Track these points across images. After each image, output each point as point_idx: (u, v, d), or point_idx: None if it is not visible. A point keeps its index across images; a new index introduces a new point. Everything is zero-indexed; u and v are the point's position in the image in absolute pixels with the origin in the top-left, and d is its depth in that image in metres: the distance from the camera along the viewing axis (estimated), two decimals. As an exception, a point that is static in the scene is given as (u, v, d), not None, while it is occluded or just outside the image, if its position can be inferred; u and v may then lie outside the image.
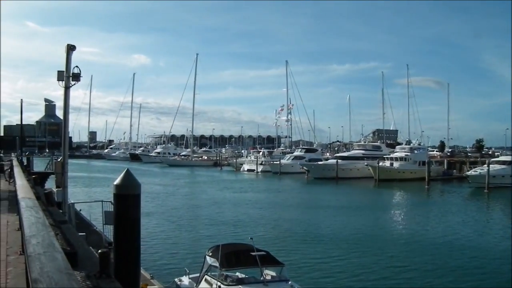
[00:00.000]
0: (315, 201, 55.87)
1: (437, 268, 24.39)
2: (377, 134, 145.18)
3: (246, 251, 16.69)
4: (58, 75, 22.15)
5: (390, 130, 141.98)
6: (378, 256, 26.78)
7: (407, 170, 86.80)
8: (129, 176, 9.40)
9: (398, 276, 23.05)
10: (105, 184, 61.26)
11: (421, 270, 24.03)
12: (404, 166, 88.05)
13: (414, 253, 27.99)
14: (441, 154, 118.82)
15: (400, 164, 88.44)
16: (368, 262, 25.43)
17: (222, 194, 61.79)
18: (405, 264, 25.40)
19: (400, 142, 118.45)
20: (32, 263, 3.52)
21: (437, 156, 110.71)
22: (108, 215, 18.60)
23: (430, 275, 23.27)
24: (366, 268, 24.30)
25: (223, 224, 37.26)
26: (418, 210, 48.63)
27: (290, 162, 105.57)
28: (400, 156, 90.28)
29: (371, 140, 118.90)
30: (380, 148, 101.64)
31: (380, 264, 25.19)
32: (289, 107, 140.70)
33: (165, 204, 49.41)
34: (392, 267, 24.65)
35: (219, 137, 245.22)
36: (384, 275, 23.04)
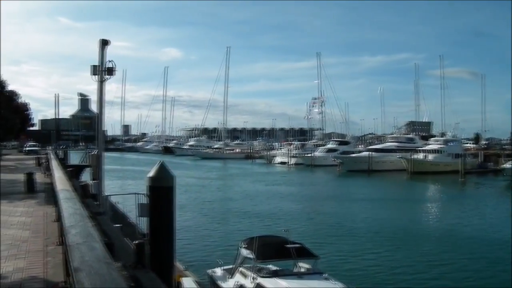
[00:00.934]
0: (348, 194, 55.55)
1: (472, 263, 24.10)
2: (411, 126, 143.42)
3: (281, 243, 16.75)
4: (92, 70, 22.46)
5: (424, 122, 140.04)
6: (412, 251, 26.55)
7: (441, 162, 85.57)
8: (163, 169, 9.55)
9: (432, 271, 22.79)
10: (139, 176, 61.86)
11: (455, 265, 23.74)
12: (438, 158, 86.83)
13: (449, 247, 27.64)
14: (476, 146, 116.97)
15: (434, 157, 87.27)
16: (402, 256, 25.25)
17: (255, 186, 61.87)
18: (439, 258, 25.07)
19: (434, 134, 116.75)
20: (73, 252, 3.64)
21: (472, 149, 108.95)
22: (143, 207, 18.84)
23: (465, 270, 23.00)
24: (399, 262, 24.13)
25: (256, 216, 37.36)
26: (453, 204, 48.00)
27: (322, 154, 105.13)
28: (434, 149, 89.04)
29: (404, 132, 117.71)
30: (414, 140, 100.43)
31: (414, 258, 24.95)
32: (321, 100, 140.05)
33: (198, 196, 49.74)
34: (426, 262, 24.37)
35: (251, 130, 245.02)
36: (418, 270, 22.82)
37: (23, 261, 8.47)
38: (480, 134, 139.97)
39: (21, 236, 10.83)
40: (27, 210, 15.06)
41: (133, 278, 5.64)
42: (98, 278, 2.91)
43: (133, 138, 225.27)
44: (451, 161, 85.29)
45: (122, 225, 20.22)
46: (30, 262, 8.41)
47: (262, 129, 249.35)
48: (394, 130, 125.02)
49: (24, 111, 70.86)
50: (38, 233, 11.23)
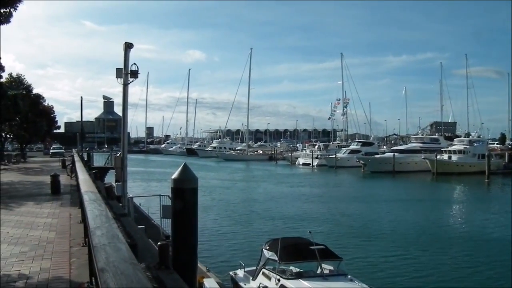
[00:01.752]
0: (372, 195, 55.23)
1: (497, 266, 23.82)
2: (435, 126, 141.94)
3: (304, 245, 16.76)
4: (116, 73, 22.74)
5: (448, 123, 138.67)
6: (437, 253, 26.31)
7: (466, 163, 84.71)
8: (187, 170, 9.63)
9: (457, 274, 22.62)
10: (163, 178, 62.41)
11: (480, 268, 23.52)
12: (463, 159, 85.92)
13: (474, 251, 27.32)
14: (502, 147, 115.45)
15: (459, 157, 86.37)
16: (426, 259, 25.05)
17: (278, 188, 61.85)
18: (464, 261, 24.91)
19: (458, 134, 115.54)
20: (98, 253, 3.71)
21: (498, 149, 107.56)
22: (166, 209, 19.01)
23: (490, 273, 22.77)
24: (424, 265, 23.95)
25: (279, 218, 37.34)
26: (478, 205, 47.46)
27: (346, 155, 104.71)
28: (458, 149, 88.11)
29: (429, 132, 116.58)
30: (438, 141, 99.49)
31: (439, 261, 24.76)
32: (345, 101, 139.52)
33: (222, 198, 49.91)
34: (451, 264, 24.22)
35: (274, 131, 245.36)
36: (443, 273, 22.63)
37: (49, 261, 8.62)
38: (505, 134, 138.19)
39: (47, 237, 11.01)
40: (53, 212, 15.29)
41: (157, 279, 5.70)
42: (124, 279, 2.98)
43: (157, 140, 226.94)
44: (476, 161, 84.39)
45: (146, 227, 20.42)
46: (55, 262, 8.56)
47: (285, 130, 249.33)
48: (418, 130, 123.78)
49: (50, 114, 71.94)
50: (64, 234, 11.41)
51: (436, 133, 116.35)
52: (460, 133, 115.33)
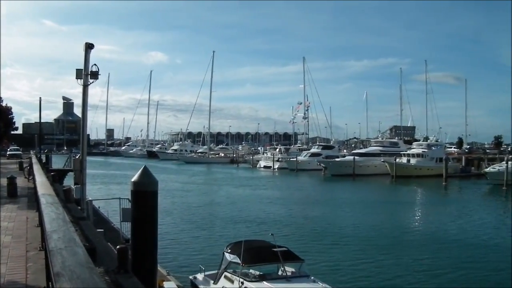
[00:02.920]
0: (332, 198, 55.73)
1: (455, 268, 24.28)
2: (395, 130, 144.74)
3: (267, 247, 16.81)
4: (76, 73, 22.42)
5: (408, 127, 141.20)
6: (398, 255, 26.68)
7: (424, 166, 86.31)
8: (147, 173, 9.54)
9: (416, 274, 23.00)
10: (123, 181, 61.71)
11: (438, 269, 23.93)
12: (421, 162, 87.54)
13: (432, 252, 27.82)
14: (459, 151, 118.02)
15: (417, 161, 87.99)
16: (387, 261, 25.39)
17: (239, 191, 61.89)
18: (422, 262, 25.32)
19: (417, 138, 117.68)
20: (54, 257, 3.64)
21: (455, 153, 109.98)
22: (126, 212, 18.81)
23: (447, 274, 23.20)
24: (384, 265, 24.32)
25: (241, 221, 37.32)
26: (436, 208, 48.32)
27: (307, 159, 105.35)
28: (417, 153, 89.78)
29: (388, 136, 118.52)
30: (398, 144, 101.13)
31: (398, 261, 25.16)
32: (306, 104, 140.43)
33: (182, 201, 49.61)
34: (411, 265, 24.61)
35: (235, 134, 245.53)
36: (403, 273, 22.98)
37: (4, 266, 8.42)
38: (462, 138, 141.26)
39: (2, 242, 10.74)
40: (9, 215, 14.93)
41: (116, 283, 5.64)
42: (80, 283, 2.93)
43: (117, 142, 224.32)
44: (434, 165, 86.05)
45: (105, 230, 20.15)
46: (11, 267, 8.37)
47: (246, 133, 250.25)
48: (378, 134, 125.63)
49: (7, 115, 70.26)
50: (20, 238, 11.17)
51: (395, 137, 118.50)
52: (419, 137, 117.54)
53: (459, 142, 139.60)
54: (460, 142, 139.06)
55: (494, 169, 71.98)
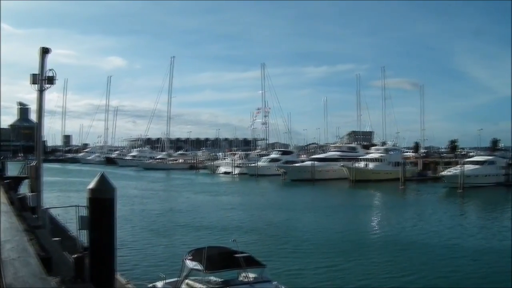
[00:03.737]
0: (292, 203, 55.97)
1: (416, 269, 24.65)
2: (353, 135, 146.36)
3: (229, 253, 16.69)
4: (32, 78, 21.93)
5: (366, 132, 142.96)
6: (356, 258, 26.93)
7: (382, 170, 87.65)
8: (104, 180, 9.35)
9: (376, 278, 23.22)
10: (81, 188, 60.51)
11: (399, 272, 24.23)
12: (379, 167, 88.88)
13: (392, 254, 28.19)
14: (416, 155, 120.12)
15: (375, 165, 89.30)
16: (347, 263, 25.59)
17: (199, 197, 61.53)
18: (383, 265, 25.61)
19: (375, 143, 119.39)
20: (6, 268, 3.51)
21: (412, 157, 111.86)
22: (84, 220, 18.38)
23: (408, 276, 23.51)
24: (344, 269, 24.47)
25: (201, 228, 37.06)
26: (395, 211, 49.02)
27: (266, 164, 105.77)
28: (374, 157, 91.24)
29: (347, 141, 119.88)
30: (356, 149, 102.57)
31: (358, 265, 25.37)
32: (265, 110, 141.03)
33: (141, 208, 49.02)
34: (370, 268, 24.84)
35: (195, 140, 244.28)
36: (362, 277, 23.19)
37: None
38: (419, 143, 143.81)
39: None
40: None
41: (72, 293, 5.49)
42: (32, 295, 2.82)
43: (75, 149, 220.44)
44: (391, 169, 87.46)
45: (62, 239, 19.71)
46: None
47: (206, 139, 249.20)
48: (337, 139, 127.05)
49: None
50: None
51: (353, 142, 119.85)
52: (376, 142, 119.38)
53: (416, 146, 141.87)
54: (417, 146, 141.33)
55: (451, 173, 73.68)
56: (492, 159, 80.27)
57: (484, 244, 31.40)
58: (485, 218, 45.32)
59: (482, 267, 25.31)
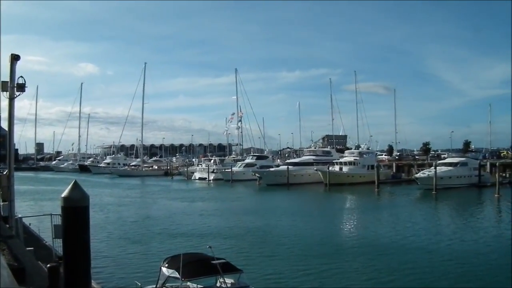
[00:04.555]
0: (268, 207, 55.89)
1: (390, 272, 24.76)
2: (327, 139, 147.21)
3: (206, 260, 16.53)
4: (1, 86, 21.56)
5: (340, 136, 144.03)
6: (333, 262, 26.96)
7: (356, 174, 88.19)
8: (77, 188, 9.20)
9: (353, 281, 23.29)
10: (55, 197, 59.77)
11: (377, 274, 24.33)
12: (353, 170, 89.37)
13: (369, 257, 28.26)
14: (390, 157, 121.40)
15: (349, 169, 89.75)
16: (324, 267, 25.59)
17: (175, 204, 61.12)
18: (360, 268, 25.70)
19: (349, 147, 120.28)
20: (-25, 281, 3.36)
21: (386, 160, 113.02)
22: (58, 228, 18.16)
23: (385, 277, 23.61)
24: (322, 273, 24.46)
25: (177, 235, 36.74)
26: (370, 214, 49.18)
27: (241, 169, 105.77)
28: (349, 161, 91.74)
29: (321, 145, 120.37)
30: (330, 153, 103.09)
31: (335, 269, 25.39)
32: (239, 115, 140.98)
33: (116, 216, 48.51)
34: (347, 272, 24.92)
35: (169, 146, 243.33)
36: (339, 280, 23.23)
37: None
38: (392, 145, 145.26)
39: None
40: None
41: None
42: (4, 308, 2.69)
43: (47, 157, 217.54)
44: (365, 172, 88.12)
45: (36, 248, 19.39)
46: None
47: (180, 145, 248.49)
48: (311, 143, 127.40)
49: None
50: None
51: (328, 146, 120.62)
52: (350, 145, 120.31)
53: (390, 149, 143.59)
54: (391, 149, 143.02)
55: (424, 175, 74.53)
56: (464, 160, 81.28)
57: (460, 245, 31.75)
58: (459, 219, 45.81)
59: (458, 268, 25.56)
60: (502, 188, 65.90)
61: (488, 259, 27.56)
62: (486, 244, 32.16)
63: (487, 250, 30.26)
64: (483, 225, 41.41)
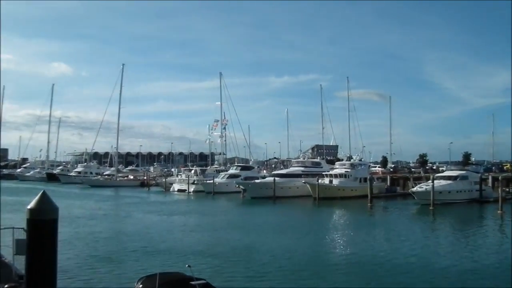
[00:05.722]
0: (253, 223, 55.68)
1: None
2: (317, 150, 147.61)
3: (184, 280, 16.26)
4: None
5: (330, 146, 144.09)
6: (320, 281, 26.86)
7: (348, 187, 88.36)
8: (45, 199, 8.97)
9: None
10: (18, 208, 59.17)
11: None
12: (345, 183, 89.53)
13: (359, 277, 28.18)
14: (384, 170, 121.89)
15: (340, 181, 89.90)
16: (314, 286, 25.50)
17: (152, 218, 60.70)
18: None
19: (340, 158, 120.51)
20: None
21: (379, 172, 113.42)
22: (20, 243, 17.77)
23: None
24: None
25: (153, 252, 36.25)
26: (362, 230, 49.04)
27: (224, 180, 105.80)
28: (340, 173, 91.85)
29: (310, 156, 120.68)
30: (320, 164, 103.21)
31: None
32: (223, 122, 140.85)
33: (87, 230, 47.96)
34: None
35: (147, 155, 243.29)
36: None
37: None
38: (387, 157, 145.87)
39: None
40: None
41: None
42: None
43: (12, 164, 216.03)
44: (358, 185, 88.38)
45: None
46: None
47: (159, 153, 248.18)
48: (300, 154, 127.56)
49: None
50: None
51: (317, 157, 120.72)
52: (342, 156, 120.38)
53: (384, 161, 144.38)
54: (385, 161, 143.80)
55: (421, 189, 74.61)
56: (464, 174, 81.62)
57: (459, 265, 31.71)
58: (459, 237, 45.84)
59: None
60: (505, 204, 66.17)
61: (489, 280, 27.58)
62: (487, 264, 32.14)
63: (489, 271, 30.24)
64: (485, 243, 41.50)
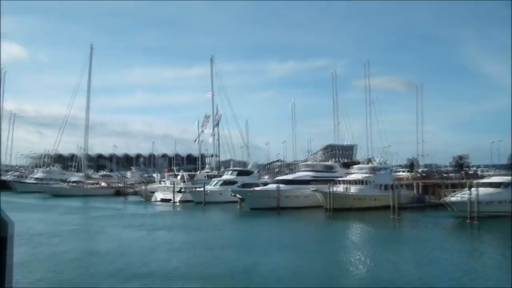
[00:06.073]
0: (252, 239, 55.68)
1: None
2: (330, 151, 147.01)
3: None
4: None
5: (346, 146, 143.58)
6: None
7: (367, 196, 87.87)
8: (-4, 212, 8.73)
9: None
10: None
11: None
12: (364, 191, 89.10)
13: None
14: (411, 175, 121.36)
15: (358, 189, 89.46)
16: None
17: (128, 234, 60.74)
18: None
19: (358, 160, 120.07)
20: None
21: (406, 178, 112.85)
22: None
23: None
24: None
25: (131, 276, 36.19)
26: (384, 249, 48.89)
27: (218, 188, 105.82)
28: (358, 179, 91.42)
29: (322, 158, 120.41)
30: (333, 168, 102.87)
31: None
32: (215, 118, 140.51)
33: (49, 250, 47.88)
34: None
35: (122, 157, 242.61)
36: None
37: None
38: (416, 159, 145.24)
39: None
40: None
41: None
42: None
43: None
44: (379, 194, 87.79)
45: None
46: None
47: (137, 155, 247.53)
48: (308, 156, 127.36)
49: None
50: None
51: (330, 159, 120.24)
52: (360, 158, 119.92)
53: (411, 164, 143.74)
54: (412, 164, 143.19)
55: (462, 198, 73.29)
56: (510, 180, 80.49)
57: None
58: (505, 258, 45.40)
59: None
60: None
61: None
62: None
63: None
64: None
